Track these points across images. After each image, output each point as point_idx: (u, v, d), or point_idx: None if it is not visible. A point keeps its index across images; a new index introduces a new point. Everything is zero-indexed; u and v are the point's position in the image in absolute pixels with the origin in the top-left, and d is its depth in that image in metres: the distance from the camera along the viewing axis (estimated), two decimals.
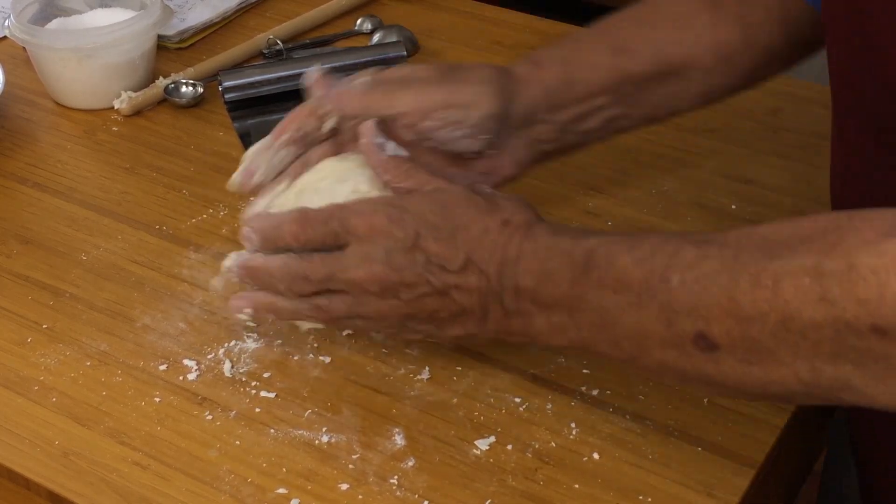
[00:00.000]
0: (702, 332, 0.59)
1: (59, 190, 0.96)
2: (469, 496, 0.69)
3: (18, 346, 0.81)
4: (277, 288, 0.71)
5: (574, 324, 0.65)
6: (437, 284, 0.68)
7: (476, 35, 1.17)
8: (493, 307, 0.68)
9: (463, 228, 0.68)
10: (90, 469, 0.72)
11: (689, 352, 0.60)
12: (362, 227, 0.69)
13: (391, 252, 0.68)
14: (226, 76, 1.06)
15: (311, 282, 0.70)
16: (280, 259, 0.71)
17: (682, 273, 0.60)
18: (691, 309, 0.59)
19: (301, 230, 0.70)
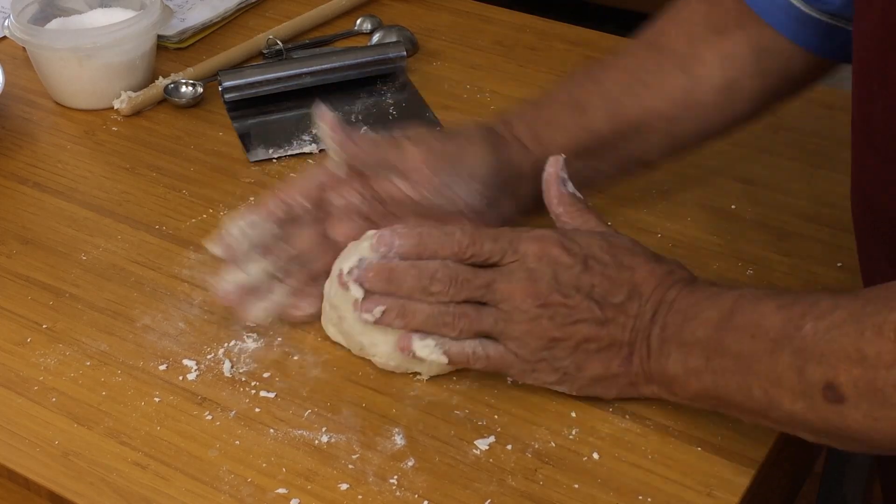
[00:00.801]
0: (830, 382, 0.60)
1: (59, 190, 0.96)
2: (469, 496, 0.69)
3: (18, 346, 0.81)
4: (428, 289, 0.71)
5: (710, 369, 0.66)
6: (598, 313, 0.70)
7: (476, 35, 1.17)
8: (641, 345, 0.70)
9: (630, 269, 0.70)
10: (90, 469, 0.72)
11: (818, 403, 0.61)
12: (533, 250, 0.70)
13: (558, 274, 0.70)
14: (225, 76, 1.06)
15: (471, 285, 0.71)
16: (440, 262, 0.71)
17: (816, 321, 0.61)
18: (821, 357, 0.60)
19: (472, 242, 0.71)
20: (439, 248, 0.71)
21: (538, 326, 0.70)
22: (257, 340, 0.80)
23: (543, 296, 0.70)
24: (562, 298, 0.70)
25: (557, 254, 0.70)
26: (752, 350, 0.64)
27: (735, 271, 0.86)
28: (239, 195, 0.95)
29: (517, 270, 0.70)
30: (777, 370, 0.62)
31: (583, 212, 0.75)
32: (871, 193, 0.70)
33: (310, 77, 1.07)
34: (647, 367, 0.70)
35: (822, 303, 0.62)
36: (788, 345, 0.62)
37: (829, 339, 0.60)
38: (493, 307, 0.71)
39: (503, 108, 1.04)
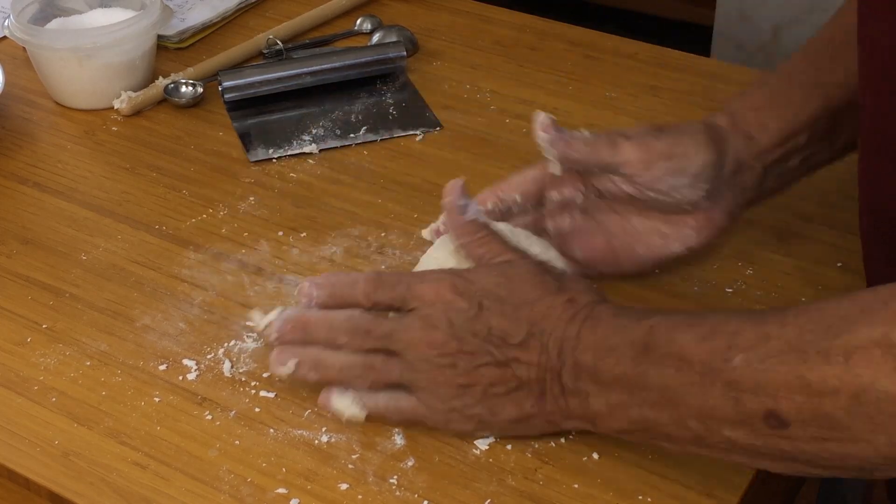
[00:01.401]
0: (771, 410, 0.59)
1: (59, 190, 0.96)
2: (469, 496, 0.69)
3: (18, 346, 0.81)
4: (334, 341, 0.71)
5: (635, 402, 0.65)
6: (498, 355, 0.68)
7: (476, 35, 1.17)
8: (552, 384, 0.68)
9: (528, 304, 0.69)
10: (90, 469, 0.72)
11: (760, 429, 0.60)
12: (428, 294, 0.70)
13: (454, 320, 0.69)
14: (225, 76, 1.06)
15: (373, 336, 0.71)
16: (346, 312, 0.72)
17: (745, 353, 0.60)
18: (758, 388, 0.60)
19: (373, 290, 0.71)
20: (347, 295, 0.72)
21: (442, 375, 0.69)
22: (257, 340, 0.80)
23: (441, 344, 0.69)
24: (459, 345, 0.69)
25: (451, 298, 0.69)
26: (679, 382, 0.63)
27: (735, 271, 0.86)
28: (239, 195, 0.95)
29: (414, 319, 0.70)
30: (710, 402, 0.62)
31: (485, 240, 0.73)
32: (883, 201, 0.70)
33: (310, 77, 1.07)
34: (564, 404, 0.68)
35: (745, 333, 0.61)
36: (718, 377, 0.61)
37: (763, 369, 0.59)
38: (398, 358, 0.71)
39: (503, 107, 1.04)
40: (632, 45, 1.14)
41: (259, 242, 0.89)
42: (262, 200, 0.94)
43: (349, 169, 0.98)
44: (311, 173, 0.98)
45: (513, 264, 0.72)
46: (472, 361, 0.69)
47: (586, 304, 0.69)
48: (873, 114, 0.68)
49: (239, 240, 0.90)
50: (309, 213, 0.93)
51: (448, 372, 0.69)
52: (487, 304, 0.69)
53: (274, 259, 0.88)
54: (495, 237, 0.74)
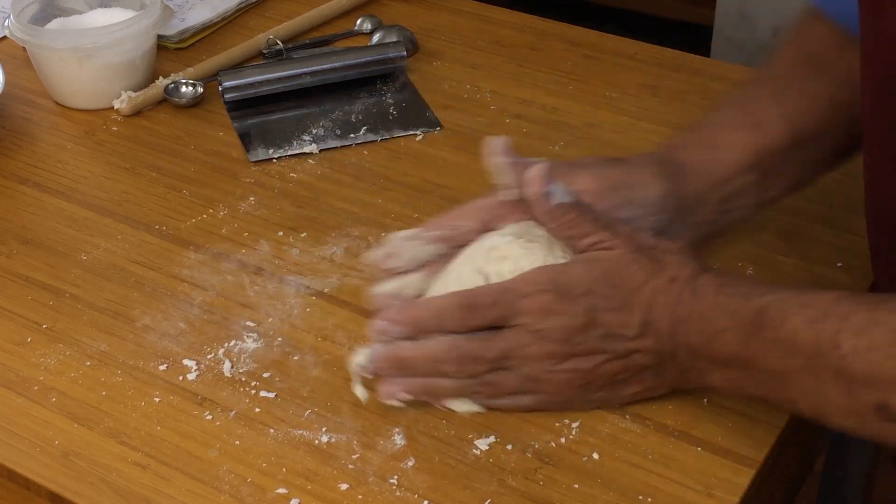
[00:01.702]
0: (883, 404, 0.59)
1: (59, 190, 0.96)
2: (469, 496, 0.69)
3: (18, 346, 0.81)
4: (443, 370, 0.71)
5: (750, 381, 0.67)
6: (619, 350, 0.70)
7: (476, 35, 1.17)
8: (670, 364, 0.70)
9: (634, 293, 0.69)
10: (90, 469, 0.72)
11: (870, 421, 0.61)
12: (534, 309, 0.70)
13: (567, 329, 0.69)
14: (225, 76, 1.06)
15: (485, 361, 0.71)
16: (446, 341, 0.71)
17: (854, 340, 0.60)
18: (868, 379, 0.60)
19: (469, 316, 0.71)
20: (437, 327, 0.71)
21: (563, 378, 0.71)
22: (257, 340, 0.80)
23: (558, 355, 0.70)
24: (577, 351, 0.70)
25: (560, 308, 0.69)
26: (789, 367, 0.63)
27: (735, 271, 0.86)
28: (239, 195, 0.95)
29: (524, 336, 0.70)
30: (822, 389, 0.62)
31: (574, 222, 0.72)
32: (884, 200, 0.70)
33: (310, 77, 1.07)
34: (685, 378, 0.70)
35: (855, 317, 0.61)
36: (828, 364, 0.61)
37: (872, 360, 0.59)
38: (514, 371, 0.71)
39: (503, 107, 1.04)
40: (632, 45, 1.14)
41: (259, 242, 0.89)
42: (262, 200, 0.94)
43: (349, 169, 0.98)
44: (311, 173, 0.98)
45: (607, 252, 0.71)
46: (591, 361, 0.70)
47: (688, 279, 0.69)
48: (874, 113, 0.68)
49: (239, 240, 0.90)
50: (309, 213, 0.93)
51: (570, 375, 0.71)
52: (596, 304, 0.69)
53: (274, 259, 0.88)
54: (584, 217, 0.72)
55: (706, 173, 0.78)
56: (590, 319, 0.69)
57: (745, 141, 0.79)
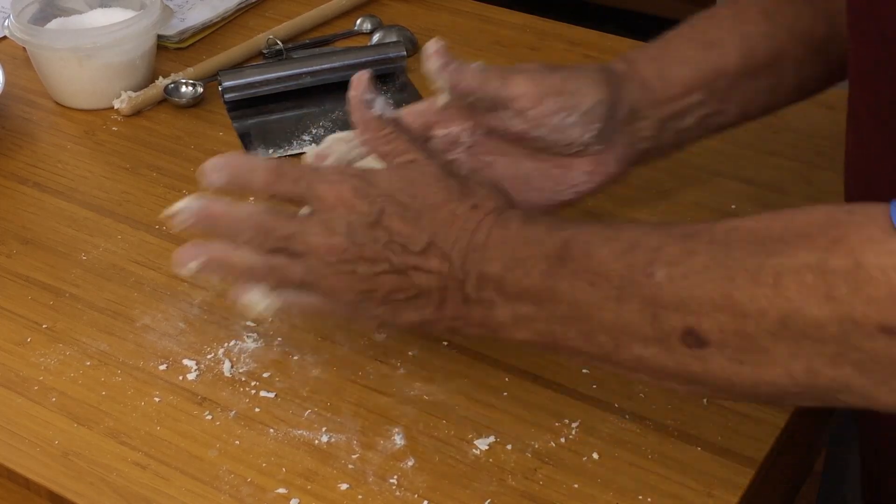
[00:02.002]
0: (691, 328, 0.58)
1: (59, 190, 0.96)
2: (469, 496, 0.69)
3: (18, 346, 0.81)
4: (237, 237, 0.69)
5: (543, 316, 0.64)
6: (397, 263, 0.66)
7: (476, 35, 1.17)
8: (453, 293, 0.66)
9: (430, 210, 0.67)
10: (90, 469, 0.72)
11: (675, 348, 0.59)
12: (329, 196, 0.68)
13: (353, 225, 0.67)
14: (225, 76, 1.06)
15: (274, 237, 0.68)
16: (248, 207, 0.69)
17: (668, 268, 0.59)
18: (680, 304, 0.58)
19: (273, 179, 0.69)
20: (246, 182, 0.69)
21: (341, 281, 0.68)
22: (257, 340, 0.80)
23: (340, 250, 0.67)
24: (359, 251, 0.67)
25: (352, 202, 0.67)
26: (592, 298, 0.61)
27: None
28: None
29: (314, 224, 0.68)
30: (625, 317, 0.60)
31: (390, 137, 0.71)
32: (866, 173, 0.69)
33: (310, 77, 1.07)
34: (466, 312, 0.66)
35: (670, 248, 0.60)
36: (637, 292, 0.59)
37: (687, 285, 0.58)
38: (301, 259, 0.68)
39: None
40: (632, 45, 1.14)
41: None
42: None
43: None
44: None
45: (417, 165, 0.69)
46: (371, 268, 0.67)
47: (492, 209, 0.67)
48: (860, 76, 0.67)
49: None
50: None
51: (347, 278, 0.67)
52: (389, 209, 0.67)
53: None
54: (401, 134, 0.71)
55: (650, 88, 0.77)
56: (377, 220, 0.67)
57: (697, 59, 0.77)
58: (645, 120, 0.77)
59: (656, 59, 0.78)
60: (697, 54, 0.78)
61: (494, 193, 0.69)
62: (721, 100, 0.78)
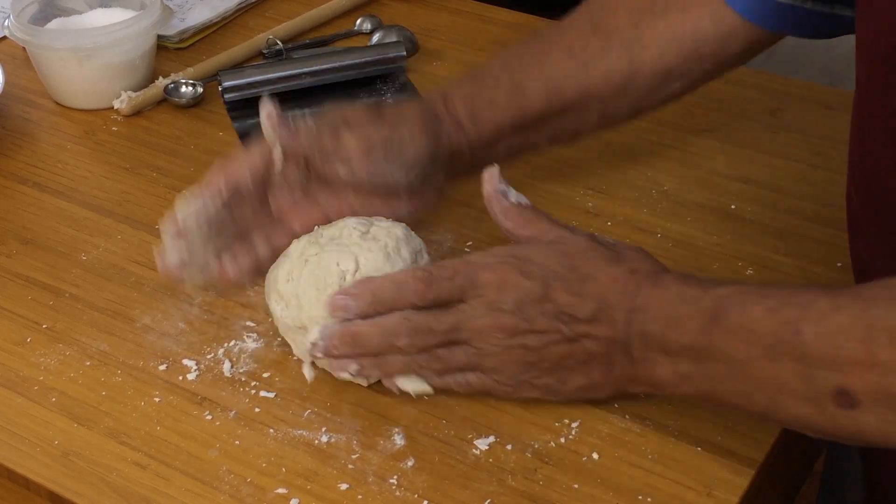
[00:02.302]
0: (842, 388, 0.59)
1: (59, 190, 0.96)
2: (469, 496, 0.69)
3: (18, 346, 0.81)
4: (396, 345, 0.71)
5: (701, 374, 0.65)
6: (567, 332, 0.69)
7: (476, 35, 1.17)
8: (620, 356, 0.69)
9: (591, 278, 0.69)
10: (90, 469, 0.72)
11: (828, 409, 0.60)
12: (492, 280, 0.70)
13: (521, 302, 0.69)
14: (225, 76, 1.06)
15: (437, 333, 0.70)
16: (400, 314, 0.71)
17: (816, 325, 0.60)
18: (830, 363, 0.59)
19: (427, 289, 0.70)
20: (395, 300, 0.71)
21: (511, 356, 0.70)
22: (257, 340, 0.80)
23: (510, 328, 0.69)
24: (529, 325, 0.69)
25: (517, 281, 0.69)
26: (747, 356, 0.63)
27: (735, 271, 0.86)
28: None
29: (479, 307, 0.70)
30: (780, 376, 0.61)
31: (532, 220, 0.74)
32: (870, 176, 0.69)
33: (310, 77, 1.07)
34: (632, 372, 0.69)
35: (817, 304, 0.61)
36: (789, 351, 0.61)
37: (834, 344, 0.59)
38: (464, 345, 0.70)
39: None
40: None
41: None
42: None
43: None
44: None
45: (566, 241, 0.72)
46: (541, 340, 0.69)
47: (649, 272, 0.69)
48: (865, 90, 0.67)
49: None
50: None
51: (518, 352, 0.70)
52: (553, 282, 0.69)
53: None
54: (542, 217, 0.74)
55: (464, 129, 0.82)
56: (544, 294, 0.69)
57: (505, 102, 0.83)
58: (461, 156, 0.83)
59: (469, 99, 0.83)
60: (505, 98, 0.83)
61: (647, 257, 0.71)
62: (528, 135, 0.85)
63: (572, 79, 0.83)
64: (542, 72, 0.84)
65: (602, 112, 0.85)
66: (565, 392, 0.72)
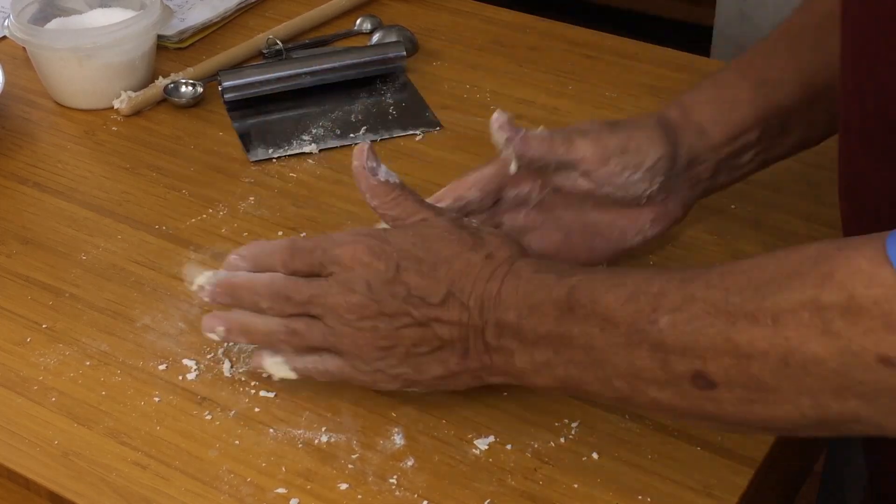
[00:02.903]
0: (699, 371, 0.59)
1: (59, 190, 0.96)
2: (468, 496, 0.69)
3: (18, 346, 0.81)
4: (258, 305, 0.72)
5: (561, 361, 0.65)
6: (417, 316, 0.68)
7: (476, 35, 1.17)
8: (475, 342, 0.68)
9: (445, 262, 0.69)
10: (90, 469, 0.72)
11: (687, 390, 0.60)
12: (345, 258, 0.70)
13: (372, 282, 0.69)
14: (225, 76, 1.06)
15: (293, 302, 0.71)
16: (266, 275, 0.72)
17: (671, 315, 0.60)
18: (685, 349, 0.60)
19: (290, 258, 0.71)
20: (268, 265, 0.72)
21: (363, 338, 0.69)
22: None
23: (360, 307, 0.69)
24: (378, 307, 0.68)
25: (368, 260, 0.69)
26: (604, 343, 0.63)
27: None
28: (239, 195, 0.95)
29: (332, 283, 0.70)
30: (637, 363, 0.62)
31: (398, 200, 0.73)
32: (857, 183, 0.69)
33: (310, 77, 1.07)
34: (489, 361, 0.68)
35: (670, 294, 0.61)
36: (644, 339, 0.61)
37: (691, 330, 0.59)
38: (321, 322, 0.70)
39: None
40: (632, 45, 1.14)
41: None
42: (262, 200, 0.94)
43: (349, 169, 0.97)
44: (311, 173, 0.98)
45: (428, 223, 0.72)
46: (392, 323, 0.69)
47: (505, 259, 0.69)
48: (850, 93, 0.67)
49: (239, 240, 0.90)
50: (309, 213, 0.93)
51: (369, 335, 0.69)
52: (405, 264, 0.69)
53: None
54: (409, 197, 0.73)
55: (706, 134, 0.79)
56: (395, 276, 0.69)
57: (752, 98, 0.79)
58: (704, 164, 0.79)
59: (711, 102, 0.79)
60: (752, 93, 0.79)
61: (507, 243, 0.70)
62: (775, 136, 0.80)
63: (824, 65, 0.78)
64: (788, 63, 0.80)
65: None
66: (424, 382, 0.71)
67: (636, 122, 0.78)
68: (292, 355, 0.73)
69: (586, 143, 0.76)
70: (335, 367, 0.72)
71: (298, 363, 0.73)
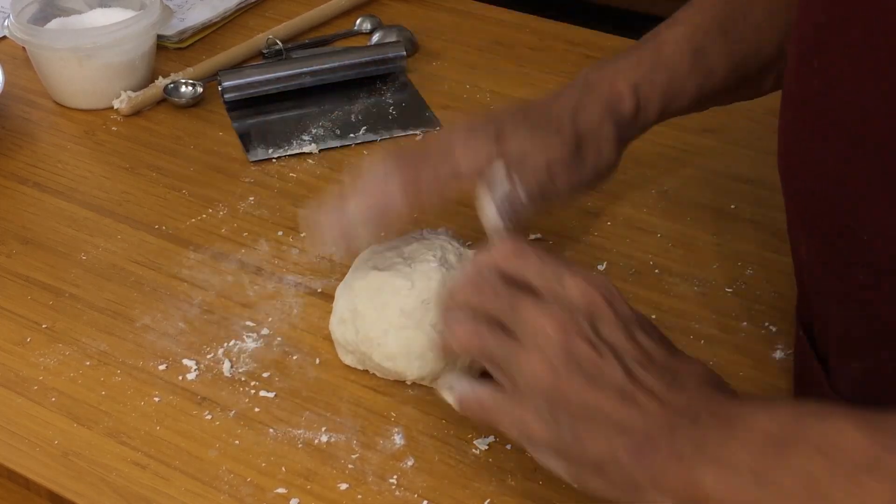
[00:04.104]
0: None
1: (59, 190, 0.96)
2: (468, 496, 0.69)
3: (18, 346, 0.81)
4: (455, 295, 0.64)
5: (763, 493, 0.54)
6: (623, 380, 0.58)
7: (476, 35, 1.17)
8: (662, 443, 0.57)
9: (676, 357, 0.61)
10: (90, 469, 0.72)
11: None
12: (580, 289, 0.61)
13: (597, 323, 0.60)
14: (225, 76, 1.06)
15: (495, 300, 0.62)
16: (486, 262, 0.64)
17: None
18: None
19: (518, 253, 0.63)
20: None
21: (549, 367, 0.58)
22: (257, 340, 0.80)
23: (572, 333, 0.59)
24: (590, 348, 0.59)
25: (603, 305, 0.60)
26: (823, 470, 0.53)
27: (735, 271, 0.86)
28: (239, 195, 0.95)
29: (553, 303, 0.60)
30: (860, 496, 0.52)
31: None
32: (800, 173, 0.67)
33: (310, 77, 1.07)
34: (663, 471, 0.56)
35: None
36: (877, 469, 0.52)
37: None
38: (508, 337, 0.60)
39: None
40: (632, 45, 1.14)
41: (259, 242, 0.89)
42: (261, 200, 0.94)
43: (348, 169, 0.98)
44: (310, 173, 0.98)
45: None
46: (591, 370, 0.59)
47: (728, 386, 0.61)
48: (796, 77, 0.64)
49: (239, 240, 0.90)
50: None
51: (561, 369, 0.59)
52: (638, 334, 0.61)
53: (273, 259, 0.88)
54: None
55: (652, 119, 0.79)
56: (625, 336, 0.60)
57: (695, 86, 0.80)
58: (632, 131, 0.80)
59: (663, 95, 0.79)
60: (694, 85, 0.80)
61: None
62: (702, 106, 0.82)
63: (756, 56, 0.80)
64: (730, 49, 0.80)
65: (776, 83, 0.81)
66: (575, 454, 0.59)
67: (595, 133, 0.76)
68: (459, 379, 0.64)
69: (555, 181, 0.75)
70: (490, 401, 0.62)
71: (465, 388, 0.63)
